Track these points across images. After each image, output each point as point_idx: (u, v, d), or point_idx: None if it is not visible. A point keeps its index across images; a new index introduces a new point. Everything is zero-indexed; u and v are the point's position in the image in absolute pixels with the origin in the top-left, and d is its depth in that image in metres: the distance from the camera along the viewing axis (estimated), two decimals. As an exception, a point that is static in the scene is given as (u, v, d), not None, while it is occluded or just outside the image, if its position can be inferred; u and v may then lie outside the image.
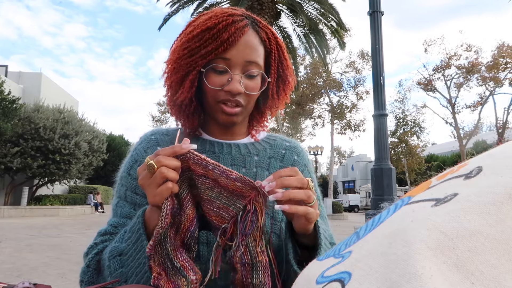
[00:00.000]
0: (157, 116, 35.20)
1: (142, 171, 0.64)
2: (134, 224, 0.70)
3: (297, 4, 12.50)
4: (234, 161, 0.86)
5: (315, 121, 29.49)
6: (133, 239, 0.68)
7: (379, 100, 6.45)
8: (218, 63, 0.77)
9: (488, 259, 0.28)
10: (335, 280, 0.35)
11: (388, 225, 0.37)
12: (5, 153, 15.46)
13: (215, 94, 0.80)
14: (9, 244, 6.97)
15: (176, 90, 0.82)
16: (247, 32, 0.78)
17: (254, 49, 0.79)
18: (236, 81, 0.78)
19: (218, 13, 0.79)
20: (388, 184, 6.12)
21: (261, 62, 0.81)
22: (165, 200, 0.61)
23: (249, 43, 0.78)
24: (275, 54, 0.83)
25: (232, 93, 0.78)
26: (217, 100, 0.80)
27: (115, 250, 0.70)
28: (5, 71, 20.26)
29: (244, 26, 0.78)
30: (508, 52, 22.84)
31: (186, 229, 0.66)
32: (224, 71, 0.78)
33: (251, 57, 0.78)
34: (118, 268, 0.69)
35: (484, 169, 0.36)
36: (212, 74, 0.79)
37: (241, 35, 0.77)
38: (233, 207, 0.65)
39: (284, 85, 0.88)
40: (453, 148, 34.03)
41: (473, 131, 27.23)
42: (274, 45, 0.83)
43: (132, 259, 0.67)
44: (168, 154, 0.62)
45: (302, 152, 0.96)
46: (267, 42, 0.82)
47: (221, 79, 0.78)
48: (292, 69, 0.89)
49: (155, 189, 0.61)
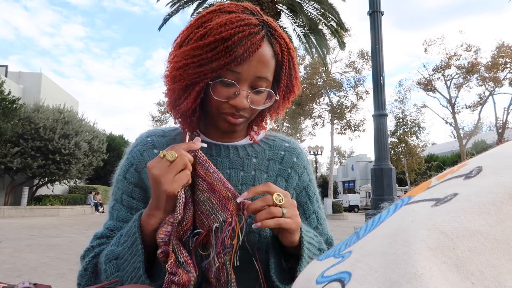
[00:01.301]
0: (157, 116, 35.24)
1: (156, 163, 0.66)
2: (130, 228, 0.70)
3: (297, 4, 12.50)
4: (232, 164, 0.85)
5: (315, 121, 29.48)
6: (128, 243, 0.68)
7: (379, 100, 6.45)
8: (227, 76, 0.73)
9: (488, 259, 0.28)
10: (335, 280, 0.35)
11: (388, 225, 0.37)
12: (5, 153, 15.45)
13: (220, 105, 0.77)
14: (9, 244, 6.97)
15: (179, 96, 0.78)
16: (262, 46, 0.73)
17: (266, 64, 0.75)
18: (243, 96, 0.75)
19: (233, 20, 0.72)
20: (388, 184, 6.12)
21: (271, 77, 0.78)
22: (180, 189, 0.65)
23: (262, 58, 0.74)
24: (286, 67, 0.79)
25: (238, 108, 0.75)
26: (221, 112, 0.78)
27: (111, 253, 0.70)
28: (5, 71, 20.25)
29: (260, 39, 0.72)
30: (507, 52, 22.83)
31: (187, 227, 0.67)
32: (231, 84, 0.74)
33: (262, 73, 0.75)
34: (114, 271, 0.69)
35: (484, 169, 0.36)
36: (219, 85, 0.75)
37: (256, 50, 0.72)
38: (213, 217, 0.66)
39: (288, 94, 0.85)
40: (453, 148, 34.05)
41: (473, 131, 27.21)
42: (286, 58, 0.78)
43: (127, 263, 0.67)
44: (183, 149, 0.67)
45: (302, 153, 0.95)
46: (280, 55, 0.77)
47: (228, 91, 0.75)
48: (299, 79, 0.85)
49: (172, 176, 0.64)
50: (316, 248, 0.77)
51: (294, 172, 0.90)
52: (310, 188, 0.92)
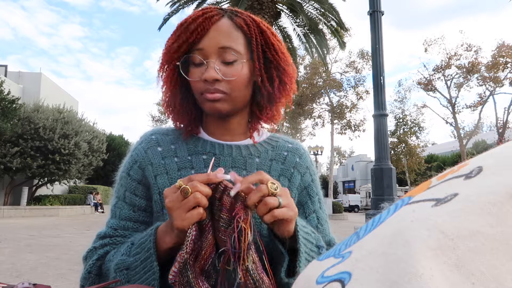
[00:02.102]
0: (157, 116, 35.25)
1: (171, 193, 0.63)
2: (145, 240, 0.68)
3: (297, 4, 12.50)
4: (235, 163, 0.85)
5: (315, 121, 29.52)
6: (141, 256, 0.67)
7: (379, 100, 6.45)
8: (193, 54, 0.78)
9: (489, 259, 0.28)
10: (335, 280, 0.35)
11: (388, 225, 0.37)
12: (5, 153, 15.46)
13: (197, 86, 0.80)
14: (8, 244, 6.97)
15: (165, 90, 0.86)
16: (218, 20, 0.78)
17: (227, 34, 0.78)
18: (211, 68, 0.76)
19: (197, 12, 0.80)
20: (388, 184, 6.12)
21: (240, 48, 0.79)
22: (191, 225, 0.60)
23: (221, 28, 0.78)
24: (257, 38, 0.80)
25: (208, 80, 0.77)
26: (200, 92, 0.80)
27: (122, 263, 0.69)
28: (4, 71, 20.25)
29: (215, 15, 0.79)
30: (508, 51, 22.84)
31: (208, 255, 0.64)
32: (201, 63, 0.78)
33: (224, 42, 0.77)
34: (125, 282, 0.67)
35: (485, 169, 0.36)
36: (191, 67, 0.80)
37: (211, 24, 0.77)
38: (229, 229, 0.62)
39: (278, 72, 0.83)
40: (453, 148, 34.04)
41: (473, 131, 27.23)
42: (255, 30, 0.80)
43: (139, 277, 0.66)
44: (202, 181, 0.62)
45: (305, 153, 0.94)
46: (245, 27, 0.79)
47: (199, 70, 0.79)
48: (287, 55, 0.85)
49: (184, 213, 0.61)
50: (314, 244, 0.74)
51: (297, 172, 0.90)
52: (311, 188, 0.92)
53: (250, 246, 0.60)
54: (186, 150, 0.86)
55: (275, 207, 0.62)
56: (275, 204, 0.62)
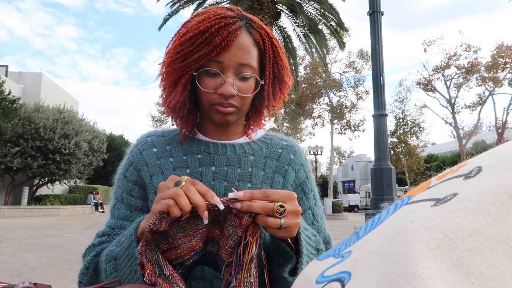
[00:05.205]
0: (156, 116, 35.26)
1: (171, 179, 0.64)
2: (129, 230, 0.70)
3: (297, 4, 12.49)
4: (229, 162, 0.86)
5: (314, 121, 29.49)
6: (125, 245, 0.68)
7: (379, 100, 6.45)
8: (211, 66, 0.77)
9: (488, 259, 0.28)
10: (335, 279, 0.35)
11: (388, 225, 0.37)
12: (5, 153, 15.46)
13: (209, 96, 0.80)
14: (9, 244, 6.97)
15: (170, 93, 0.83)
16: (240, 35, 0.77)
17: (247, 51, 0.79)
18: (229, 84, 0.77)
19: (211, 15, 0.78)
20: (388, 184, 6.12)
21: (255, 64, 0.81)
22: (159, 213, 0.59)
23: (242, 45, 0.78)
24: (269, 55, 0.82)
25: (225, 95, 0.78)
26: (211, 103, 0.80)
27: (110, 254, 0.71)
28: (5, 71, 20.26)
29: (237, 29, 0.77)
30: (507, 52, 22.83)
31: (178, 255, 0.65)
32: (217, 74, 0.78)
33: (244, 59, 0.78)
34: (113, 272, 0.69)
35: (484, 169, 0.36)
36: (205, 77, 0.79)
37: (234, 39, 0.76)
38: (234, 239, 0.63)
39: (280, 85, 0.87)
40: (453, 148, 34.05)
41: (473, 131, 27.21)
42: (269, 46, 0.82)
43: (124, 265, 0.67)
44: (200, 190, 0.61)
45: (299, 151, 0.95)
46: (261, 43, 0.81)
47: (214, 81, 0.78)
48: (288, 69, 0.88)
49: (160, 198, 0.61)
50: (314, 247, 0.75)
51: (291, 169, 0.91)
52: (306, 184, 0.92)
53: (252, 259, 0.62)
54: (181, 150, 0.88)
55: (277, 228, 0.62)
56: (276, 226, 0.62)
